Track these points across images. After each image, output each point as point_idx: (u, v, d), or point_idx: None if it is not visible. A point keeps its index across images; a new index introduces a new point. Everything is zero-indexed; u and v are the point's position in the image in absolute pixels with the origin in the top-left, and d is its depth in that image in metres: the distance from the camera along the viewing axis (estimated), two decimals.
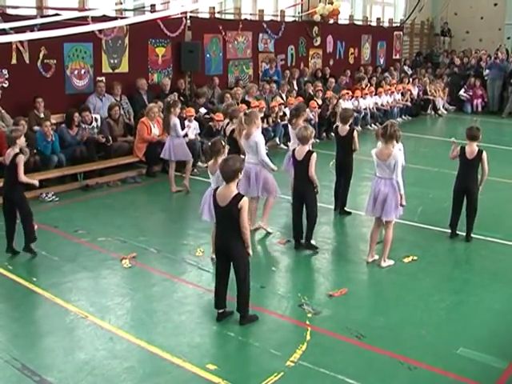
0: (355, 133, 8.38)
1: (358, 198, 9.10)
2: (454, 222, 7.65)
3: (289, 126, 8.67)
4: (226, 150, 6.41)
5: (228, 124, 8.58)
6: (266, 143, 8.38)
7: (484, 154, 7.32)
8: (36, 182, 7.23)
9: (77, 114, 10.19)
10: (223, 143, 6.43)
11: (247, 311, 5.42)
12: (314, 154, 7.02)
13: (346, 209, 8.62)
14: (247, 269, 5.35)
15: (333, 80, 16.27)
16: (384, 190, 6.57)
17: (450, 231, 7.70)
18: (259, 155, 7.35)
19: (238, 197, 5.18)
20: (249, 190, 7.44)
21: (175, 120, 9.34)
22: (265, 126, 12.15)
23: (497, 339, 5.28)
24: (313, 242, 7.23)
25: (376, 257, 6.90)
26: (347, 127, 8.39)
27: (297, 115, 8.31)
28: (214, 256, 6.32)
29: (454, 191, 7.60)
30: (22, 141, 6.82)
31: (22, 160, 6.71)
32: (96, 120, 10.59)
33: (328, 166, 8.55)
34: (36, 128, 9.72)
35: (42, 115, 9.98)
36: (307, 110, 13.48)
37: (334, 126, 8.80)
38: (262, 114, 11.86)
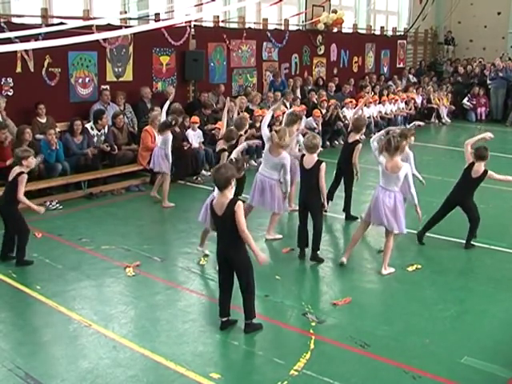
0: (358, 146, 8.38)
1: (362, 206, 9.06)
2: (423, 229, 7.66)
3: None
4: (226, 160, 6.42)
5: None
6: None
7: (489, 173, 7.31)
8: (36, 208, 7.00)
9: (78, 122, 10.17)
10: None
11: (253, 319, 5.40)
12: (324, 164, 6.96)
13: (352, 214, 8.68)
14: (250, 277, 5.33)
15: (332, 85, 16.29)
16: (389, 202, 6.55)
17: (454, 240, 7.72)
18: (285, 174, 7.38)
19: (232, 202, 5.14)
20: (264, 202, 7.51)
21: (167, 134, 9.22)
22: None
23: (502, 348, 5.25)
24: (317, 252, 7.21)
25: (344, 259, 6.88)
26: (356, 137, 8.44)
27: (292, 122, 8.18)
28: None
29: (446, 199, 7.61)
30: (29, 162, 6.79)
31: (23, 180, 6.72)
32: (104, 127, 10.62)
33: (332, 175, 8.54)
34: (39, 136, 9.73)
35: (43, 121, 10.00)
36: (311, 118, 13.65)
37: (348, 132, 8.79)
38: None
